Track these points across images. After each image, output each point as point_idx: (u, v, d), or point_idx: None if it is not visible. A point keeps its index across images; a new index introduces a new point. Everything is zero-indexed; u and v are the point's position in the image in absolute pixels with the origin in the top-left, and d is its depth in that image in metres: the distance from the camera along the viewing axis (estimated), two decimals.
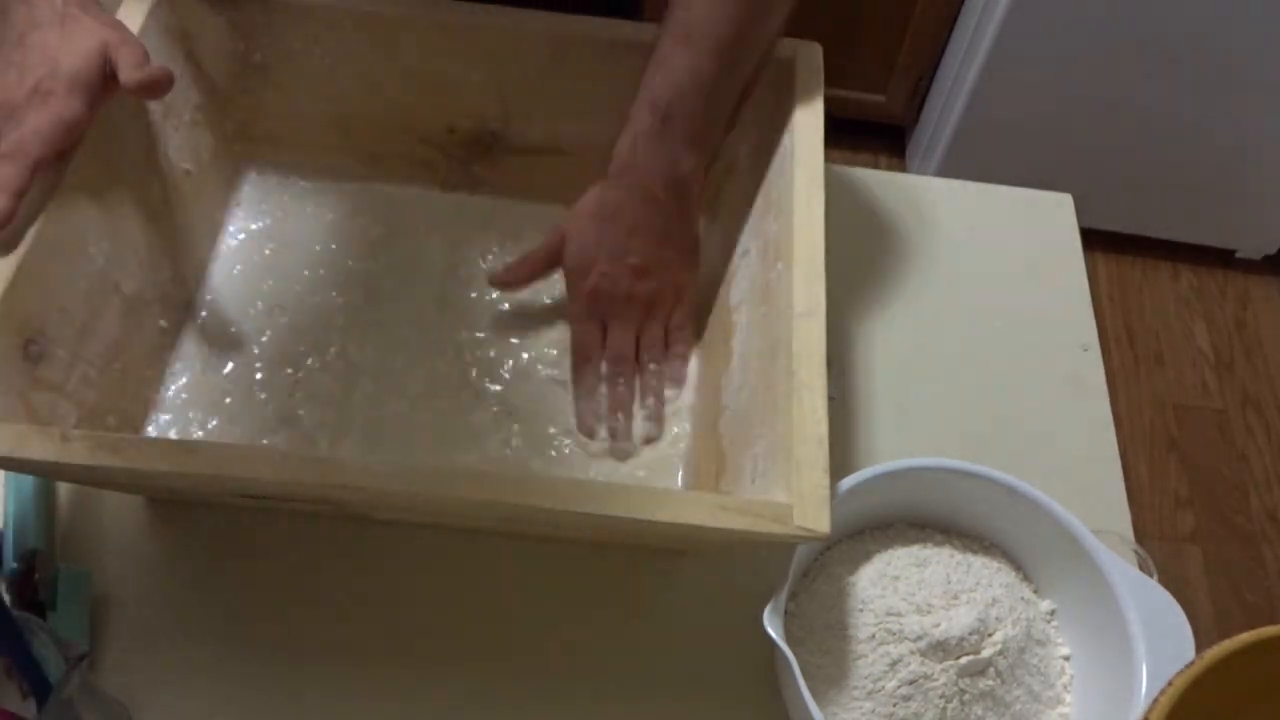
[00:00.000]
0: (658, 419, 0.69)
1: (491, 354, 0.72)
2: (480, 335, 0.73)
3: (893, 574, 0.61)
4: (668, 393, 0.70)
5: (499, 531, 0.66)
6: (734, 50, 0.61)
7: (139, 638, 0.62)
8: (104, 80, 0.57)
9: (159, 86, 0.56)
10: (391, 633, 0.64)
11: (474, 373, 0.71)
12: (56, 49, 0.56)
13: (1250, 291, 1.87)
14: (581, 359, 0.68)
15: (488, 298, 0.74)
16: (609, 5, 0.75)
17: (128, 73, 0.56)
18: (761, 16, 0.62)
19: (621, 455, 0.68)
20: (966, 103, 1.65)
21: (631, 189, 0.64)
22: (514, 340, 0.73)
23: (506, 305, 0.74)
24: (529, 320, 0.74)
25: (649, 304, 0.67)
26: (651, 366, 0.68)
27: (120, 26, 0.59)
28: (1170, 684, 0.52)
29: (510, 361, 0.72)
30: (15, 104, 0.56)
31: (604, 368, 0.69)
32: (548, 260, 0.69)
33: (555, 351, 0.72)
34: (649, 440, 0.68)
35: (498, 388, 0.71)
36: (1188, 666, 0.52)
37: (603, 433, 0.68)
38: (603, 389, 0.68)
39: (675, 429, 0.70)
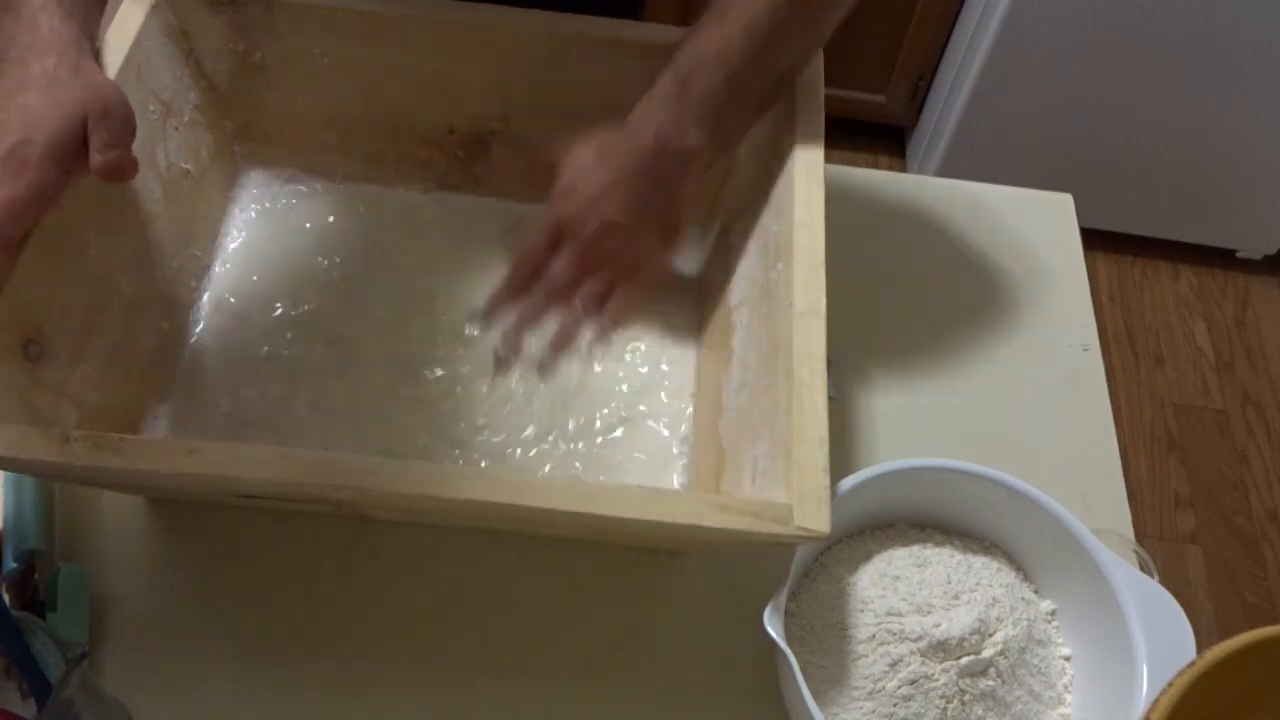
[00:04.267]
0: (555, 351, 0.66)
1: (492, 353, 0.72)
2: (481, 334, 0.73)
3: (893, 574, 0.61)
4: (578, 344, 0.67)
5: (499, 531, 0.66)
6: (767, 36, 0.60)
7: (139, 638, 0.62)
8: (82, 149, 0.55)
9: (121, 173, 0.55)
10: (391, 632, 0.64)
11: (474, 371, 0.71)
12: (37, 114, 0.54)
13: (1250, 291, 1.87)
14: (518, 264, 0.66)
15: (488, 297, 0.74)
16: (610, 5, 0.75)
17: (92, 155, 0.54)
18: (801, 12, 0.61)
19: (500, 367, 0.67)
20: (966, 103, 1.65)
21: (630, 145, 0.62)
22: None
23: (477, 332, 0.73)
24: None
25: (604, 259, 0.64)
26: (567, 314, 0.65)
27: (105, 90, 0.57)
28: (1170, 684, 0.52)
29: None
30: None
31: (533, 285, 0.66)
32: (543, 164, 0.67)
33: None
34: (541, 370, 0.66)
35: (497, 386, 0.71)
36: (1188, 666, 0.52)
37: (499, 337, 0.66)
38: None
39: (673, 429, 0.70)
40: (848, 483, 0.59)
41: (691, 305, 0.75)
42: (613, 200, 0.62)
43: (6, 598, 0.60)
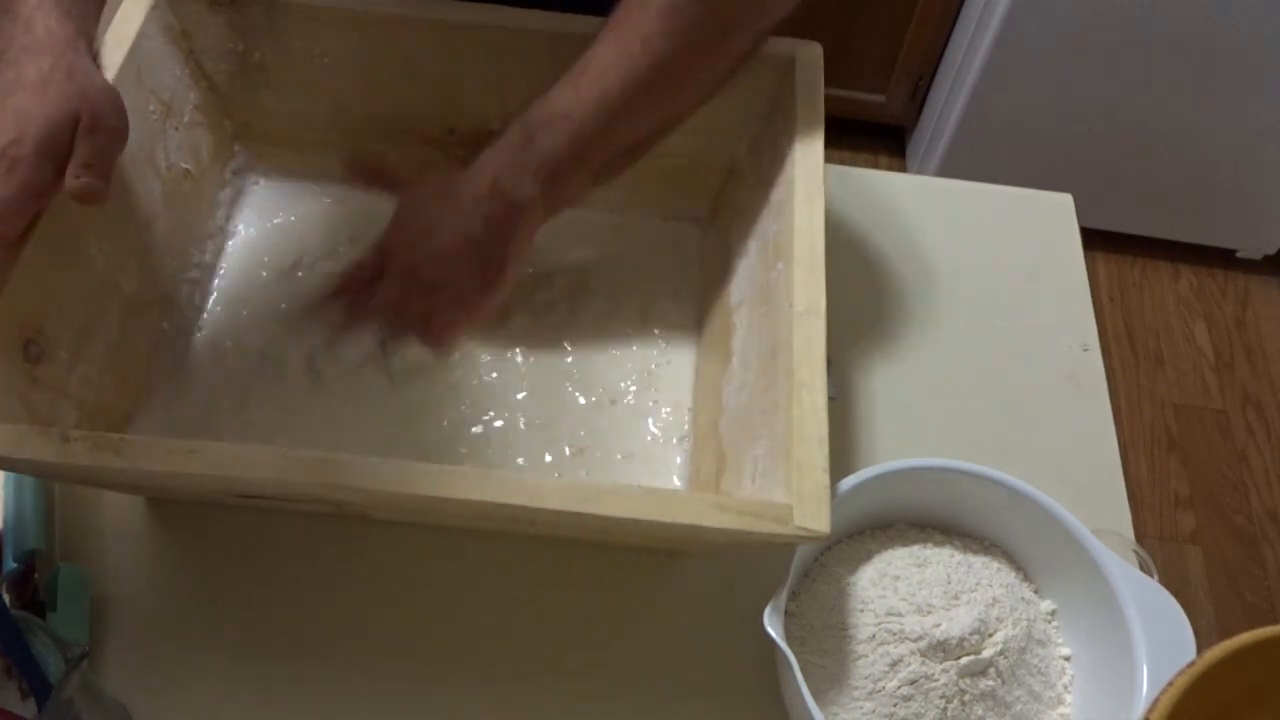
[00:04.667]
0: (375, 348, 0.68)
1: (492, 352, 0.72)
2: (481, 334, 0.73)
3: (893, 574, 0.61)
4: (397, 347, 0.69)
5: (499, 531, 0.66)
6: (615, 113, 0.59)
7: (139, 638, 0.62)
8: (72, 149, 0.55)
9: (90, 200, 0.55)
10: (391, 632, 0.64)
11: (474, 372, 0.71)
12: (29, 113, 0.54)
13: (1250, 291, 1.87)
14: (345, 280, 0.67)
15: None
16: (609, 5, 0.75)
17: (68, 175, 0.54)
18: (655, 95, 0.60)
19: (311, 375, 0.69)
20: (966, 103, 1.65)
21: (468, 186, 0.62)
22: (514, 339, 0.73)
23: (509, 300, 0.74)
24: (530, 319, 0.74)
25: (426, 289, 0.64)
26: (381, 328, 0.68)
27: (99, 95, 0.57)
28: (1170, 684, 0.52)
29: (511, 360, 0.72)
30: None
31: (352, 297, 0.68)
32: (391, 183, 0.69)
33: (555, 352, 0.72)
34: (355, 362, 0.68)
35: (499, 386, 0.71)
36: (1188, 666, 0.52)
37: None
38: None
39: (673, 429, 0.70)
40: (848, 483, 0.59)
41: (691, 305, 0.75)
42: (442, 235, 0.62)
43: (6, 598, 0.60)
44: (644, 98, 0.60)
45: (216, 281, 0.74)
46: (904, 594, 0.59)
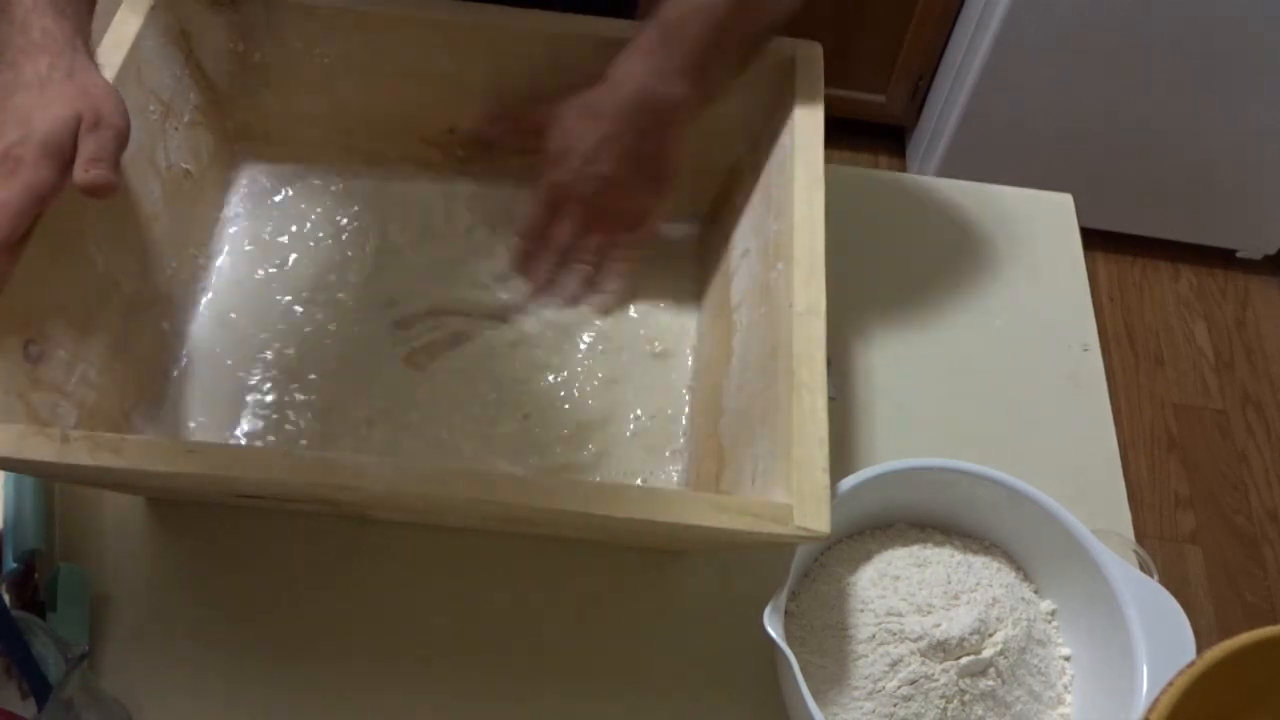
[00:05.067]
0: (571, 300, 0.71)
1: (490, 353, 0.72)
2: (481, 333, 0.73)
3: (893, 574, 0.61)
4: (592, 298, 0.71)
5: (499, 531, 0.66)
6: None
7: (139, 638, 0.62)
8: (75, 150, 0.55)
9: (101, 192, 0.55)
10: (391, 632, 0.64)
11: (473, 372, 0.72)
12: (30, 113, 0.54)
13: (1250, 291, 1.87)
14: (526, 234, 0.70)
15: (489, 296, 0.74)
16: (609, 5, 0.75)
17: (76, 168, 0.54)
18: None
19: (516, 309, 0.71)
20: (966, 103, 1.65)
21: (614, 98, 0.63)
22: (514, 339, 0.73)
23: (506, 296, 0.74)
24: (529, 319, 0.74)
25: (602, 214, 0.66)
26: (577, 267, 0.70)
27: (100, 93, 0.57)
28: (1170, 684, 0.52)
29: (510, 360, 0.72)
30: None
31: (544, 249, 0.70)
32: (531, 130, 0.70)
33: (555, 351, 0.72)
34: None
35: (498, 385, 0.71)
36: (1188, 666, 0.52)
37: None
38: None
39: (672, 429, 0.70)
40: (848, 483, 0.59)
41: (691, 305, 0.75)
42: (604, 157, 0.63)
43: (6, 598, 0.60)
44: None
45: (216, 281, 0.74)
46: (904, 594, 0.59)
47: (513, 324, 0.72)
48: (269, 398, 0.69)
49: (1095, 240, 1.79)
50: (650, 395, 0.71)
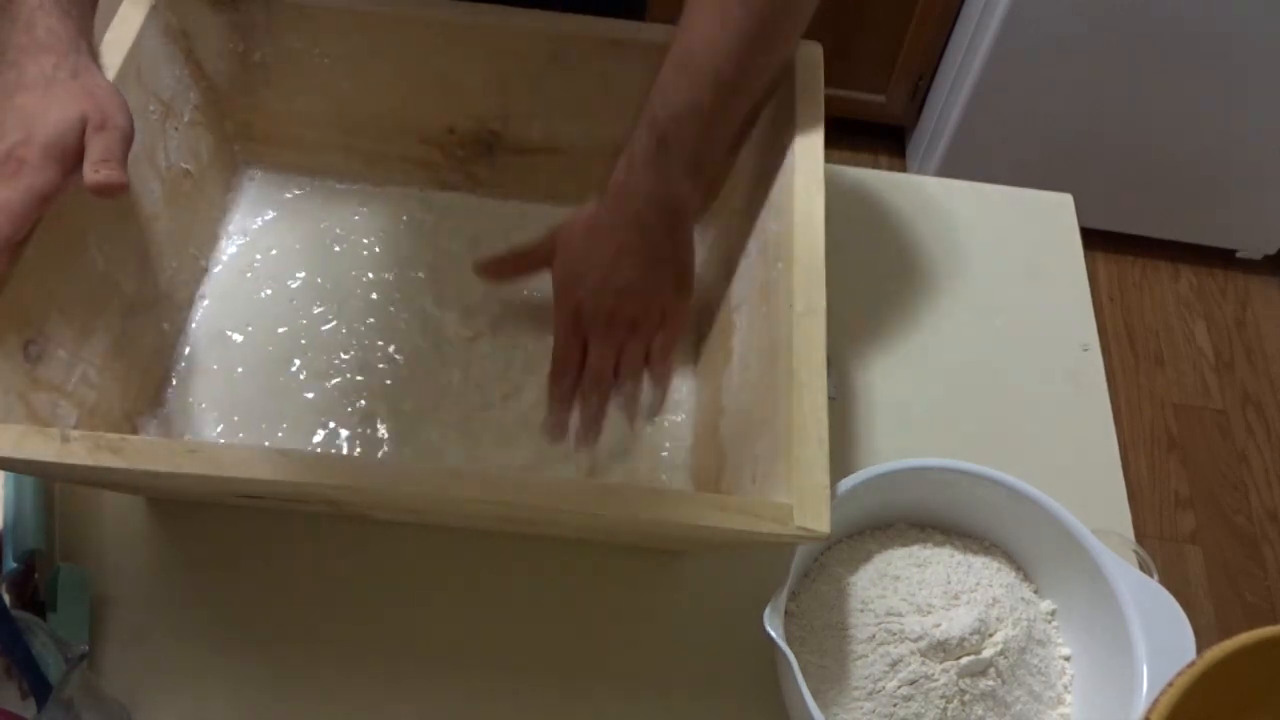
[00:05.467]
0: (632, 423, 0.68)
1: (491, 352, 0.72)
2: (480, 334, 0.73)
3: (893, 574, 0.61)
4: (642, 413, 0.68)
5: (499, 531, 0.66)
6: (734, 82, 0.61)
7: (139, 638, 0.62)
8: (80, 151, 0.55)
9: (111, 192, 0.55)
10: (391, 632, 0.64)
11: (472, 371, 0.72)
12: (34, 114, 0.54)
13: (1250, 291, 1.87)
14: (559, 370, 0.67)
15: (488, 298, 0.74)
16: (613, 5, 0.75)
17: (85, 169, 0.54)
18: (763, 50, 0.61)
19: (585, 465, 0.67)
20: (966, 103, 1.65)
21: (624, 210, 0.63)
22: (513, 339, 0.73)
23: (507, 300, 0.74)
24: (528, 319, 0.74)
25: (632, 325, 0.66)
26: (626, 386, 0.67)
27: (104, 94, 0.57)
28: (1170, 684, 0.52)
29: (510, 360, 0.72)
30: None
31: (583, 382, 0.67)
32: (538, 262, 0.69)
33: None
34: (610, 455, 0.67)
35: (497, 386, 0.71)
36: (1188, 666, 0.52)
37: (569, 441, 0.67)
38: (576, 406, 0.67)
39: (673, 429, 0.70)
40: (848, 483, 0.59)
41: (691, 305, 0.75)
42: (622, 268, 0.63)
43: (6, 598, 0.60)
44: (754, 59, 0.61)
45: (216, 281, 0.74)
46: (904, 594, 0.59)
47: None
48: (269, 397, 0.69)
49: (1095, 240, 1.79)
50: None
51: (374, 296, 0.74)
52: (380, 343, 0.72)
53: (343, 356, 0.71)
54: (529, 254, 0.70)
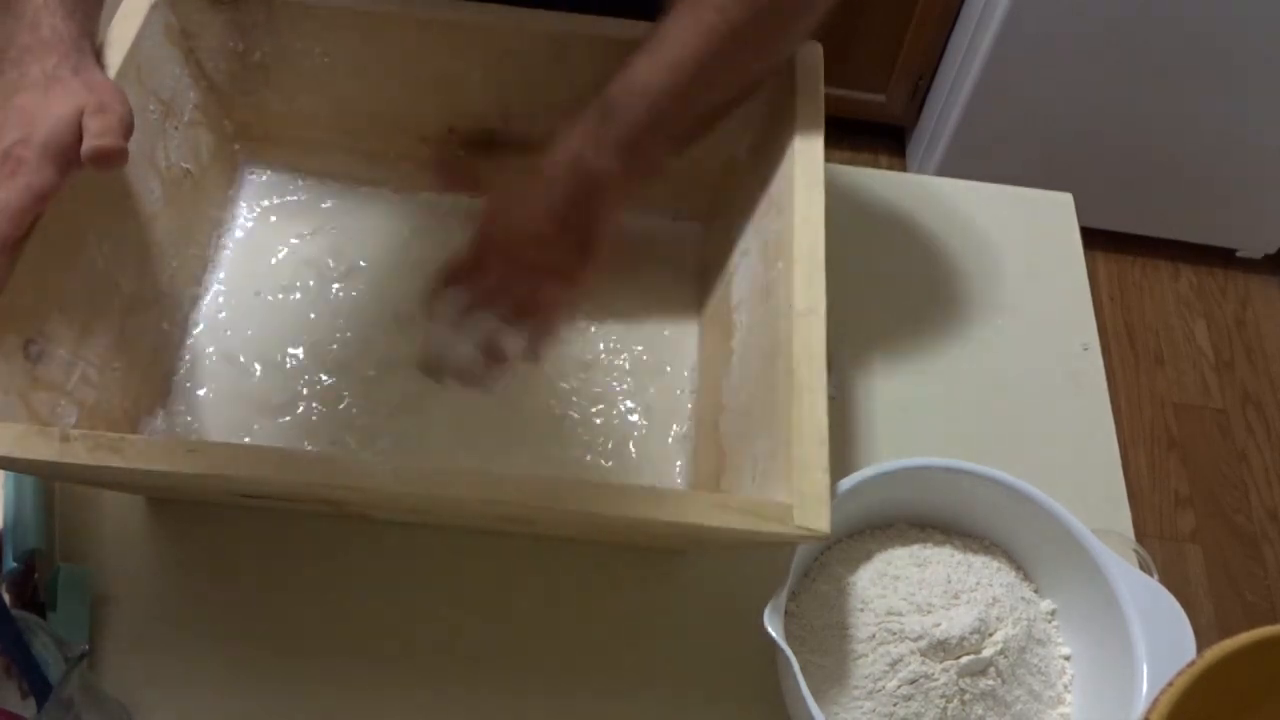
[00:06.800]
0: (489, 361, 0.66)
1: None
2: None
3: (893, 574, 0.61)
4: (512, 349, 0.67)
5: (499, 531, 0.66)
6: (691, 76, 0.61)
7: (139, 638, 0.62)
8: (78, 147, 0.55)
9: (110, 160, 0.54)
10: (391, 632, 0.64)
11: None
12: (34, 113, 0.54)
13: (1250, 291, 1.87)
14: (449, 273, 0.67)
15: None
16: (610, 4, 0.75)
17: (84, 144, 0.54)
18: (732, 54, 0.61)
19: (435, 374, 0.68)
20: (966, 103, 1.65)
21: (550, 167, 0.63)
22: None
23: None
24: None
25: (527, 270, 0.65)
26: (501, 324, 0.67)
27: (104, 89, 0.57)
28: (1170, 684, 0.52)
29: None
30: None
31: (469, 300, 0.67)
32: (468, 182, 0.72)
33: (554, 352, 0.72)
34: (470, 378, 0.67)
35: (498, 388, 0.71)
36: (1188, 666, 0.52)
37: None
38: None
39: (673, 429, 0.70)
40: (848, 483, 0.59)
41: (692, 304, 0.75)
42: (532, 219, 0.64)
43: (6, 598, 0.60)
44: (720, 65, 0.61)
45: (216, 281, 0.74)
46: (904, 594, 0.59)
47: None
48: (269, 397, 0.69)
49: (1095, 240, 1.78)
50: (650, 395, 0.71)
51: (374, 296, 0.74)
52: (381, 342, 0.72)
53: (343, 356, 0.71)
54: (474, 174, 0.72)
